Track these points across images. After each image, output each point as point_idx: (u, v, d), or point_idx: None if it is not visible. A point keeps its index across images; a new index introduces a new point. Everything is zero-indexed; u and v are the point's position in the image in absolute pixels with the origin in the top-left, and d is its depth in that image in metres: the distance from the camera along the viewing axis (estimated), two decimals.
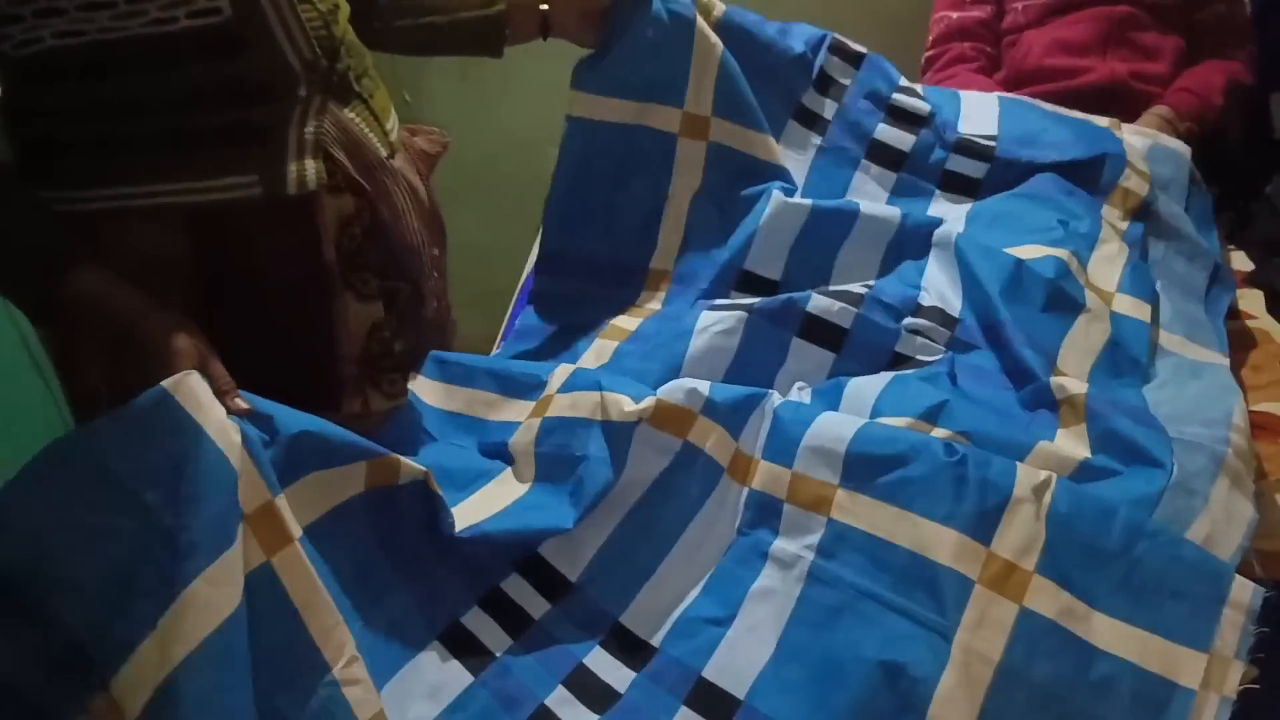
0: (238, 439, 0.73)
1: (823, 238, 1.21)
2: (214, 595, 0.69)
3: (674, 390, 0.95)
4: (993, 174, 1.30)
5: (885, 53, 1.39)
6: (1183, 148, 1.39)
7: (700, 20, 1.19)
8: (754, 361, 1.09)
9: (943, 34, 1.80)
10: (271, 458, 0.76)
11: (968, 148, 1.31)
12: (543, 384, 1.02)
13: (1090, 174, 1.28)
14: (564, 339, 1.21)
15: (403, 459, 0.85)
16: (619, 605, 0.91)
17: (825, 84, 1.33)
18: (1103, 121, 1.38)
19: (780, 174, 1.26)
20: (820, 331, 1.10)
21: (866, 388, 1.02)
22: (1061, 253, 1.15)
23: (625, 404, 0.93)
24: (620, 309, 1.23)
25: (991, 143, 1.31)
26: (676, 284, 1.23)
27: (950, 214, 1.27)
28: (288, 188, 0.87)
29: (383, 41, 1.08)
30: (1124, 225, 1.25)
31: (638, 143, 1.20)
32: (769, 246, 1.19)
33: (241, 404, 0.76)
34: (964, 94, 1.41)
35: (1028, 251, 1.15)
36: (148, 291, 0.80)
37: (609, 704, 0.85)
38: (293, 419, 0.79)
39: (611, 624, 0.90)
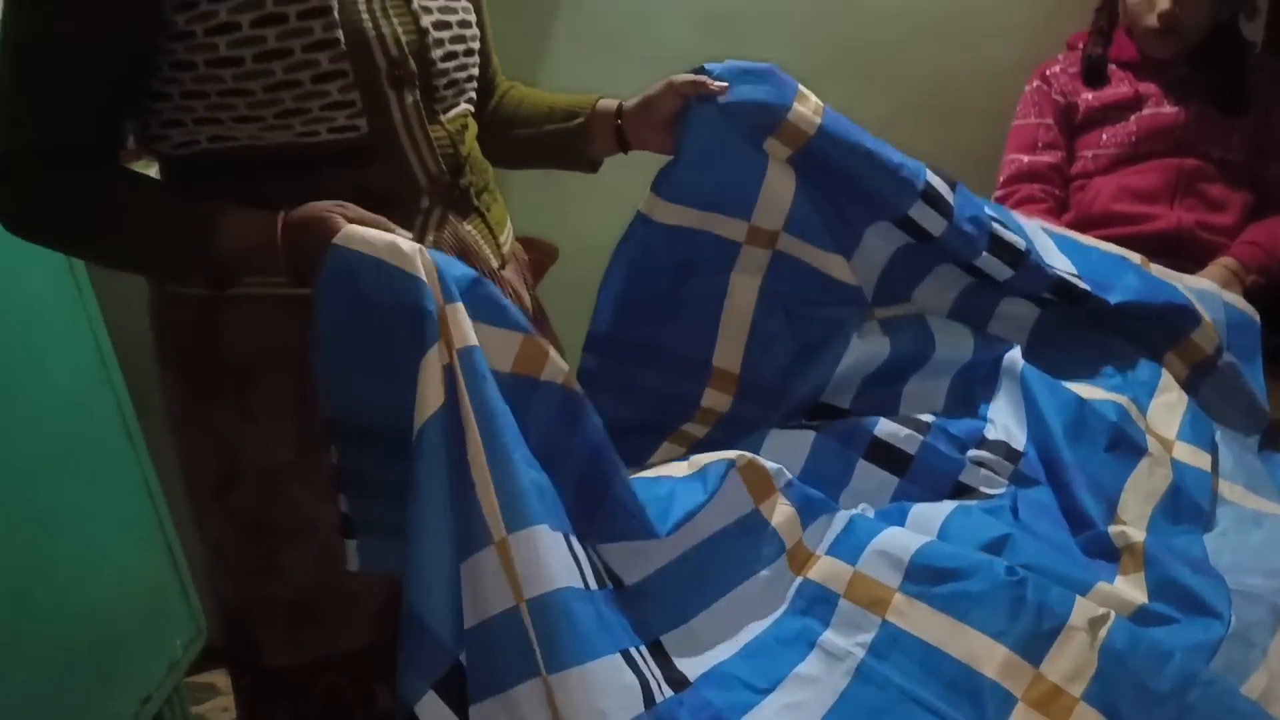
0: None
1: (895, 372, 1.24)
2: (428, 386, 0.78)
3: (765, 460, 1.00)
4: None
5: None
6: (1212, 285, 1.40)
7: (773, 157, 1.18)
8: (819, 478, 1.11)
9: (1013, 175, 1.85)
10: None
11: (1062, 288, 1.26)
12: None
13: (1160, 323, 1.29)
14: (626, 436, 1.18)
15: (551, 350, 0.88)
16: (663, 626, 0.94)
17: (933, 199, 1.21)
18: (1135, 258, 1.36)
19: (852, 294, 1.24)
20: (886, 455, 1.13)
21: (931, 514, 1.05)
22: (1121, 398, 1.17)
23: (722, 454, 0.99)
24: (682, 406, 1.22)
25: (1082, 284, 1.26)
26: (744, 392, 1.22)
27: (1011, 323, 1.28)
28: None
29: (488, 152, 1.13)
30: (1184, 376, 1.27)
31: (701, 244, 1.19)
32: (843, 382, 1.22)
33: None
34: (1023, 221, 1.35)
35: (1087, 392, 1.18)
36: None
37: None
38: (464, 268, 0.85)
39: (653, 639, 0.92)
